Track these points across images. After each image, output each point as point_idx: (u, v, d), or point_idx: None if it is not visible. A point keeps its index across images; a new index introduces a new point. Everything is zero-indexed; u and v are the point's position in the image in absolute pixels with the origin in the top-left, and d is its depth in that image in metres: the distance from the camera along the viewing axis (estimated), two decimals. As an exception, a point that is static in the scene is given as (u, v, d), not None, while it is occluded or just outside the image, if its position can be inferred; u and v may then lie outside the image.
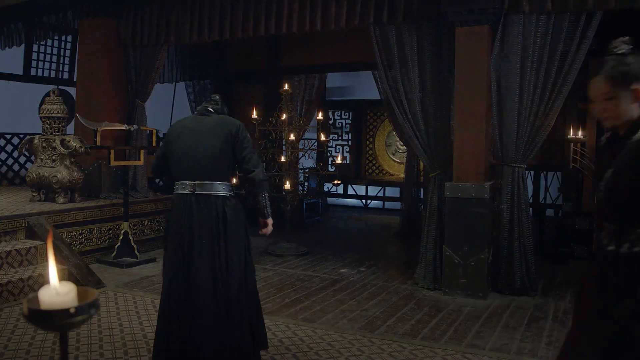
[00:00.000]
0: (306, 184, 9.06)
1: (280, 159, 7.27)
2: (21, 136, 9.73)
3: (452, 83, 5.52)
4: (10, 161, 9.46)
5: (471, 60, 5.27)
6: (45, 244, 5.54)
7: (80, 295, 0.98)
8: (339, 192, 11.16)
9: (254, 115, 6.94)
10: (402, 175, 9.67)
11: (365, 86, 10.81)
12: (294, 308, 4.90)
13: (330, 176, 7.44)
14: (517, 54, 5.19)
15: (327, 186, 10.95)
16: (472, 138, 5.27)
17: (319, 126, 7.28)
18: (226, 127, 3.46)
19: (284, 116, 7.10)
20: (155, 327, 4.03)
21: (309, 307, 4.93)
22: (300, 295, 5.32)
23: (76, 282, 5.21)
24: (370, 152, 11.52)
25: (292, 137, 6.87)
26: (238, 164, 3.49)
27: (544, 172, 8.53)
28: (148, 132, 7.10)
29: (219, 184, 3.42)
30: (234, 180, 3.87)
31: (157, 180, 9.02)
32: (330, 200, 11.65)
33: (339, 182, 7.57)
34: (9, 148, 9.41)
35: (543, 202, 8.53)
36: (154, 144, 6.98)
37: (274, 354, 3.80)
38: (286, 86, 7.11)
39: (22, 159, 9.41)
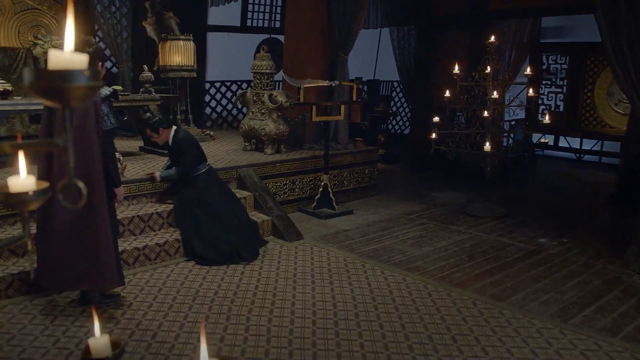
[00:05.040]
0: (512, 136, 8.53)
1: (482, 113, 6.90)
2: (239, 83, 10.61)
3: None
4: (229, 106, 10.39)
5: None
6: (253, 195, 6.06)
7: None
8: (548, 144, 10.33)
9: (456, 70, 6.65)
10: (624, 128, 8.63)
11: (586, 26, 9.67)
12: (483, 281, 4.76)
13: (540, 128, 6.93)
14: None
15: (536, 136, 10.22)
16: None
17: (528, 82, 6.71)
18: None
19: (488, 69, 6.69)
20: (344, 291, 4.26)
21: (499, 282, 4.75)
22: (491, 266, 5.14)
23: (277, 232, 5.66)
24: (588, 101, 10.43)
25: (495, 94, 6.47)
26: None
27: None
28: (349, 87, 7.23)
29: None
30: None
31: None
32: (539, 151, 10.89)
33: (546, 141, 7.00)
34: (228, 94, 10.33)
35: None
36: (354, 98, 7.10)
37: (455, 334, 3.76)
38: (492, 38, 6.64)
39: (239, 105, 10.27)
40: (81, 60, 0.94)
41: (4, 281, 4.22)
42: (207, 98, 10.17)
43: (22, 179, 1.23)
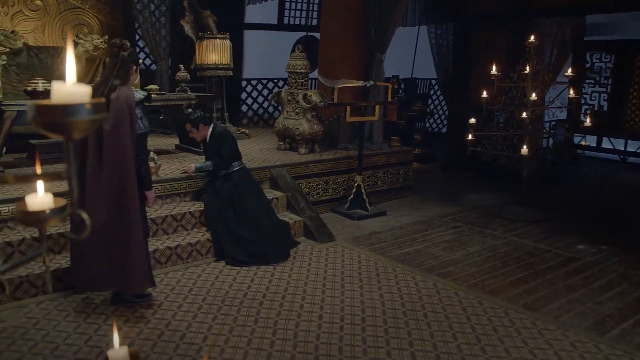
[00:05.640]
0: (551, 139, 8.31)
1: (520, 115, 6.73)
2: (275, 81, 10.64)
3: None
4: (266, 104, 10.43)
5: None
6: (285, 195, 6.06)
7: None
8: (590, 145, 10.04)
9: (493, 71, 6.51)
10: (672, 131, 8.33)
11: (634, 24, 9.37)
12: (517, 289, 4.65)
13: (581, 129, 6.73)
14: None
15: (579, 137, 9.92)
16: None
17: (569, 82, 6.51)
18: None
19: (527, 69, 6.52)
20: (374, 296, 4.23)
21: (533, 291, 4.63)
22: (526, 273, 5.02)
23: (309, 233, 5.65)
24: (634, 101, 10.08)
25: (534, 96, 6.30)
26: None
27: None
28: (384, 87, 7.16)
29: None
30: None
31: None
32: (580, 152, 10.59)
33: (587, 143, 6.80)
34: (265, 92, 10.37)
35: None
36: (389, 99, 7.03)
37: (485, 344, 3.69)
38: (532, 37, 6.48)
39: (273, 104, 10.31)
40: (83, 93, 0.93)
41: (40, 278, 4.32)
42: (244, 96, 10.24)
43: (40, 197, 1.25)
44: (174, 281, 4.65)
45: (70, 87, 0.93)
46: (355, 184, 6.73)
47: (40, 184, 1.31)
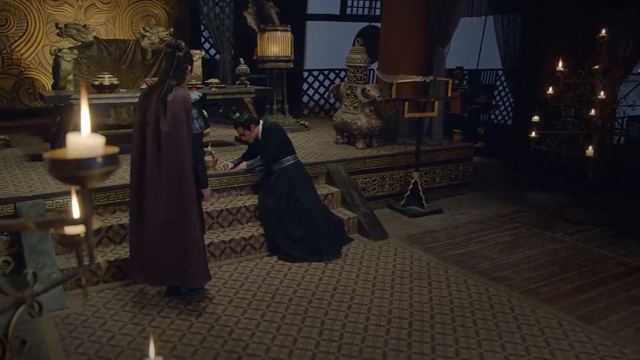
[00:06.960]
0: (622, 138, 7.92)
1: (588, 112, 6.42)
2: (337, 71, 10.62)
3: None
4: (327, 94, 10.45)
5: None
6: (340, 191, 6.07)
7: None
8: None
9: (559, 67, 6.24)
10: None
11: None
12: (574, 299, 4.49)
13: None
14: None
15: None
16: None
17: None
18: None
19: (597, 66, 6.22)
20: (423, 300, 4.19)
21: (591, 301, 4.46)
22: (585, 281, 4.83)
23: (363, 230, 5.65)
24: None
25: (602, 94, 6.01)
26: None
27: None
28: (445, 82, 7.01)
29: None
30: None
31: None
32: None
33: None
34: (326, 83, 10.37)
35: None
36: (449, 94, 6.88)
37: (535, 357, 3.59)
38: (603, 32, 6.16)
39: (331, 99, 10.30)
40: (97, 145, 0.96)
41: (101, 267, 4.53)
42: (305, 86, 10.29)
43: (75, 221, 1.31)
44: (227, 275, 4.77)
45: (84, 139, 0.97)
46: (412, 181, 6.65)
47: (75, 207, 1.37)
